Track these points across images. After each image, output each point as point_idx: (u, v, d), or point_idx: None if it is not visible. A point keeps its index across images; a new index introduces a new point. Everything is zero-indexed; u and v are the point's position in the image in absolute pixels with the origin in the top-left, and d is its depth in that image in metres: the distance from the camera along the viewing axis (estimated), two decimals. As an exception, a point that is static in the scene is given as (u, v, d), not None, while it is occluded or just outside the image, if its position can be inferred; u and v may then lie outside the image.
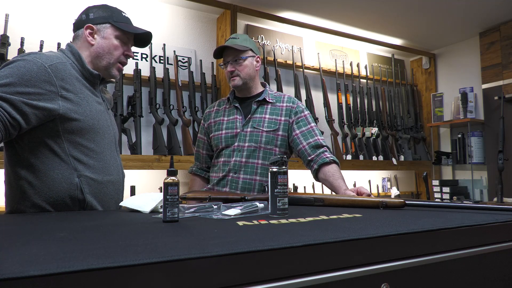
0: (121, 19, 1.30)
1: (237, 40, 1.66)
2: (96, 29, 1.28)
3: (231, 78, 1.66)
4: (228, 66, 1.65)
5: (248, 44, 1.66)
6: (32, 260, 0.46)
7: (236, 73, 1.64)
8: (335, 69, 3.46)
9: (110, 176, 1.27)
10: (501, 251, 0.84)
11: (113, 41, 1.28)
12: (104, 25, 1.28)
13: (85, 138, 1.20)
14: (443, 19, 3.28)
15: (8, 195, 1.19)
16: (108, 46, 1.28)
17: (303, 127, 1.66)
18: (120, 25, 1.29)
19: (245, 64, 1.65)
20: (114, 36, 1.29)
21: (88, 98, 1.23)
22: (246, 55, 1.65)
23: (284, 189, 0.97)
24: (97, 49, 1.28)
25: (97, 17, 1.28)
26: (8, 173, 1.19)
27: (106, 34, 1.28)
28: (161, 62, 2.72)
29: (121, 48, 1.30)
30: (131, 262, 0.45)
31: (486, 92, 3.42)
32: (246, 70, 1.65)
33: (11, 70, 1.08)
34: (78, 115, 1.18)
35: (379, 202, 1.12)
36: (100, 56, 1.28)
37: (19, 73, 1.08)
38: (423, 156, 3.75)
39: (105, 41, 1.28)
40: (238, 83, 1.66)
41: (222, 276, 0.50)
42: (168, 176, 0.85)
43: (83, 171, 1.19)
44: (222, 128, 1.69)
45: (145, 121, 2.57)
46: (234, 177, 1.62)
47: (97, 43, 1.28)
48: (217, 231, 0.71)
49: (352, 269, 0.61)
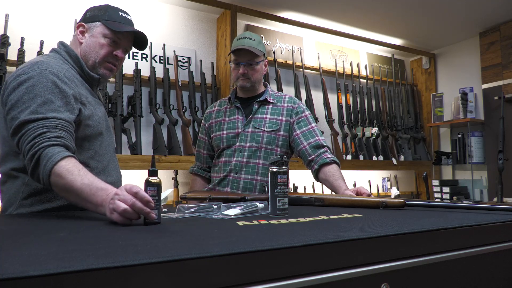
0: (115, 18, 1.26)
1: (253, 42, 1.63)
2: (87, 27, 1.25)
3: (240, 79, 1.65)
4: (240, 68, 1.64)
5: (262, 48, 1.65)
6: (32, 260, 0.46)
7: (248, 76, 1.64)
8: (335, 69, 3.46)
9: (111, 177, 1.26)
10: (501, 251, 0.84)
11: (99, 40, 1.24)
12: (95, 24, 1.25)
13: (92, 142, 1.20)
14: (443, 19, 3.28)
15: (8, 197, 1.16)
16: (94, 45, 1.24)
17: (303, 127, 1.66)
18: (110, 23, 1.23)
19: (257, 69, 1.65)
20: (102, 35, 1.24)
21: (92, 102, 1.23)
22: (259, 60, 1.65)
23: (284, 189, 0.97)
24: (84, 47, 1.25)
25: (91, 16, 1.26)
26: (11, 175, 1.16)
27: (95, 32, 1.24)
28: (161, 62, 2.72)
29: (108, 47, 1.24)
30: (131, 262, 0.45)
31: (486, 92, 3.42)
32: (256, 75, 1.66)
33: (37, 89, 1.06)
34: (91, 121, 1.18)
35: (379, 202, 1.12)
36: (87, 54, 1.25)
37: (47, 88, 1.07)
38: (423, 156, 3.74)
39: (93, 39, 1.24)
40: (247, 85, 1.65)
41: (222, 276, 0.50)
42: (149, 176, 0.83)
43: None
44: (224, 128, 1.69)
45: (145, 121, 2.57)
46: (235, 177, 1.62)
47: (85, 42, 1.25)
48: (217, 231, 0.71)
49: (352, 269, 0.61)
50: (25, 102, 1.04)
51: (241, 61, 1.63)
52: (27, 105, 1.03)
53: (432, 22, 3.35)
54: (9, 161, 1.14)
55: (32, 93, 1.05)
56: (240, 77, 1.65)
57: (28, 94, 1.05)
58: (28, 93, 1.05)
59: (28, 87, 1.06)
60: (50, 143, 0.97)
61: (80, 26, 1.26)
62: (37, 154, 0.96)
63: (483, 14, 3.18)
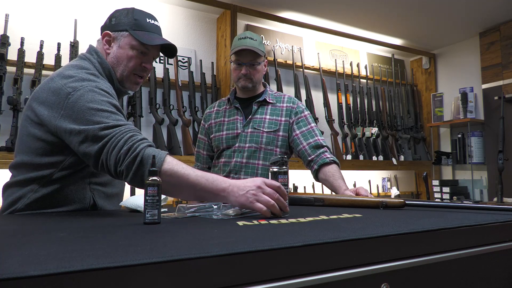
0: (143, 26, 1.18)
1: (255, 42, 1.62)
2: (113, 36, 1.18)
3: (241, 79, 1.65)
4: (243, 68, 1.63)
5: (263, 48, 1.65)
6: (32, 260, 0.46)
7: (249, 76, 1.64)
8: (335, 69, 3.46)
9: (117, 189, 1.25)
10: (501, 251, 0.84)
11: (128, 52, 1.17)
12: (122, 33, 1.17)
13: None
14: (443, 19, 3.28)
15: (12, 198, 1.13)
16: (123, 57, 1.18)
17: (303, 128, 1.66)
18: (138, 34, 1.16)
19: (259, 69, 1.65)
20: (130, 46, 1.17)
21: None
22: (261, 60, 1.65)
23: (285, 189, 0.97)
24: (112, 59, 1.19)
25: (117, 23, 1.18)
26: (23, 182, 1.11)
27: (123, 43, 1.18)
28: (161, 62, 2.72)
29: (136, 59, 1.19)
30: (131, 262, 0.45)
31: (486, 92, 3.42)
32: (258, 75, 1.66)
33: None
34: None
35: (379, 202, 1.12)
36: (115, 66, 1.19)
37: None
38: (423, 156, 3.75)
39: (121, 50, 1.18)
40: (249, 86, 1.66)
41: (222, 276, 0.50)
42: (149, 176, 0.83)
43: (94, 185, 1.17)
44: (223, 129, 1.69)
45: (145, 121, 2.57)
46: (235, 177, 1.62)
47: (113, 52, 1.19)
48: (217, 231, 0.71)
49: (352, 269, 0.61)
50: (86, 117, 0.99)
51: (243, 62, 1.63)
52: (90, 119, 0.99)
53: (432, 22, 3.35)
54: (26, 171, 1.10)
55: (92, 108, 1.00)
56: (242, 77, 1.64)
57: (88, 111, 1.00)
58: (87, 110, 1.00)
59: (85, 102, 1.01)
60: (146, 144, 0.97)
61: (106, 35, 1.19)
62: (140, 155, 0.94)
63: (483, 14, 3.18)
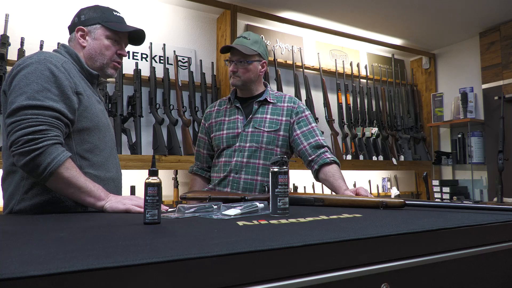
0: (112, 18, 1.31)
1: (246, 41, 1.63)
2: (87, 30, 1.29)
3: (231, 77, 1.66)
4: (231, 65, 1.65)
5: (256, 48, 1.63)
6: (32, 260, 0.46)
7: (238, 74, 1.64)
8: (335, 69, 3.46)
9: (110, 173, 1.28)
10: (501, 251, 0.84)
11: (103, 42, 1.29)
12: (95, 26, 1.30)
13: (91, 135, 1.23)
14: (443, 19, 3.28)
15: (9, 192, 1.18)
16: (100, 47, 1.29)
17: (303, 127, 1.66)
18: (110, 25, 1.29)
19: (249, 68, 1.64)
20: (105, 36, 1.30)
21: (90, 95, 1.26)
22: (252, 60, 1.63)
23: (285, 189, 0.97)
24: (89, 51, 1.29)
25: (88, 19, 1.30)
26: (11, 170, 1.18)
27: (97, 35, 1.29)
28: (161, 62, 2.72)
29: (113, 48, 1.31)
30: (131, 262, 0.45)
31: (486, 92, 3.42)
32: (248, 74, 1.64)
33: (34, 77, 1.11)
34: (88, 113, 1.21)
35: (379, 202, 1.12)
36: (93, 57, 1.30)
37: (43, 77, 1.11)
38: (423, 156, 3.74)
39: (96, 42, 1.29)
40: (237, 83, 1.66)
41: (222, 276, 0.50)
42: (149, 176, 0.83)
43: (86, 168, 1.20)
44: (223, 129, 1.69)
45: (145, 121, 2.57)
46: (235, 177, 1.62)
47: (89, 45, 1.29)
48: (217, 231, 0.71)
49: (352, 269, 0.61)
50: (21, 88, 1.08)
51: (232, 59, 1.64)
52: (23, 90, 1.07)
53: (432, 22, 3.35)
54: (10, 156, 1.14)
55: (29, 79, 1.09)
56: (232, 75, 1.65)
57: (25, 80, 1.09)
58: (25, 79, 1.09)
59: (26, 74, 1.10)
60: (53, 141, 1.06)
61: (80, 30, 1.30)
62: (41, 149, 1.03)
63: (483, 14, 3.18)
